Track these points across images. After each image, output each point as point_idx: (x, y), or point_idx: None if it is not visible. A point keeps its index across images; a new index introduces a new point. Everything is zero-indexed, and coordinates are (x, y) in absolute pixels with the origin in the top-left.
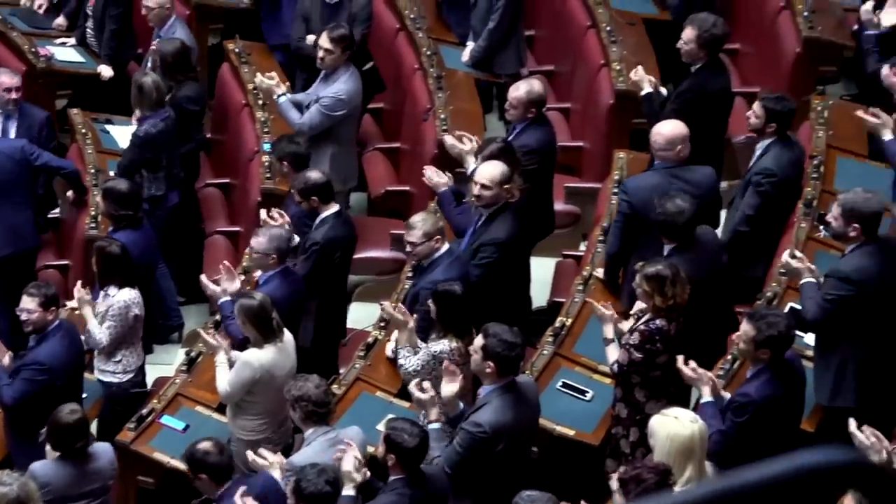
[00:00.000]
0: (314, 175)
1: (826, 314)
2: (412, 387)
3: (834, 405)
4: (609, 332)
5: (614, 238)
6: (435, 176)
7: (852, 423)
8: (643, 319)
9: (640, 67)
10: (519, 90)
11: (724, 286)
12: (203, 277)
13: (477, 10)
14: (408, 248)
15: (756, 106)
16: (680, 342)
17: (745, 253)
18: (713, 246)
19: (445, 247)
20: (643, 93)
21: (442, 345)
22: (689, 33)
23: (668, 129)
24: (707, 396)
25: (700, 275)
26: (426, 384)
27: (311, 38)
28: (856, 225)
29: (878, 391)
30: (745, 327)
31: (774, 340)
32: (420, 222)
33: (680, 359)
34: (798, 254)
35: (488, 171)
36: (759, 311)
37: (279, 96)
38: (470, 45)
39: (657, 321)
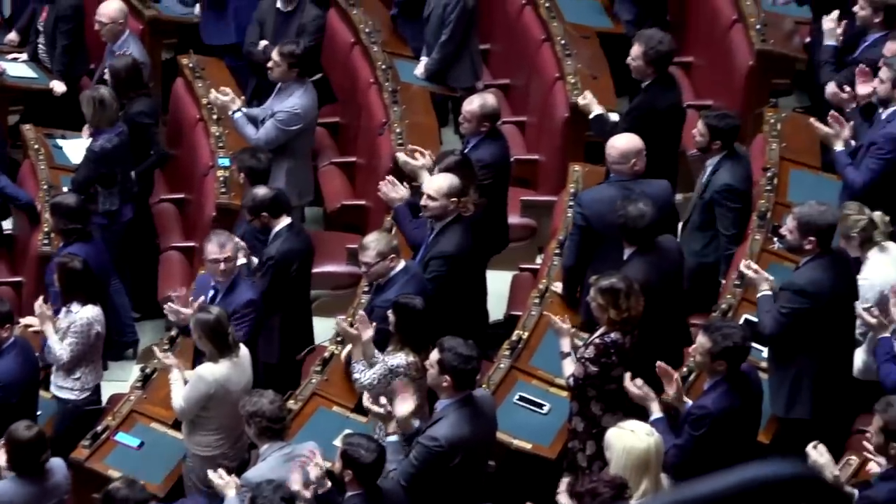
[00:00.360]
0: (261, 191)
1: (782, 328)
2: (367, 401)
3: (789, 417)
4: (565, 345)
5: (570, 252)
6: (391, 191)
7: (811, 449)
8: (598, 333)
9: (587, 92)
10: (473, 104)
11: (682, 296)
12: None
13: (430, 24)
14: (363, 269)
15: (699, 124)
16: (636, 354)
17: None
18: (675, 255)
19: (401, 265)
20: (591, 115)
21: (399, 358)
22: (636, 50)
23: (623, 143)
24: (656, 413)
25: (659, 281)
26: (382, 399)
27: (262, 44)
28: (812, 238)
29: (833, 403)
30: (701, 339)
31: (731, 352)
32: (373, 242)
33: (626, 376)
34: (753, 265)
35: (435, 183)
36: (715, 322)
37: (234, 112)
38: (424, 59)
39: (612, 334)
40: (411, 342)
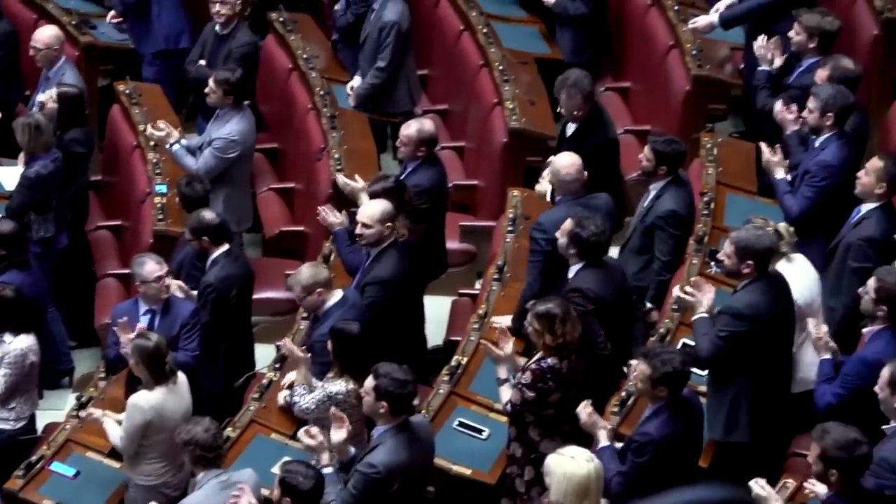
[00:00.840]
0: (209, 215)
1: (720, 351)
2: (301, 433)
3: (728, 440)
4: (503, 372)
5: (534, 279)
6: (329, 216)
7: (754, 484)
8: (535, 358)
9: (544, 182)
10: (410, 128)
11: (631, 315)
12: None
13: (365, 48)
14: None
15: (646, 149)
16: (573, 379)
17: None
18: (620, 272)
19: (335, 297)
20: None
21: (338, 385)
22: (572, 103)
23: (566, 162)
24: (604, 441)
25: (609, 295)
26: (314, 430)
27: (201, 63)
28: (749, 262)
29: (771, 426)
30: (641, 366)
31: (671, 377)
32: (298, 277)
33: (582, 405)
34: (689, 288)
35: (369, 211)
36: (654, 349)
37: (172, 145)
38: (356, 80)
39: (549, 360)
40: (350, 368)
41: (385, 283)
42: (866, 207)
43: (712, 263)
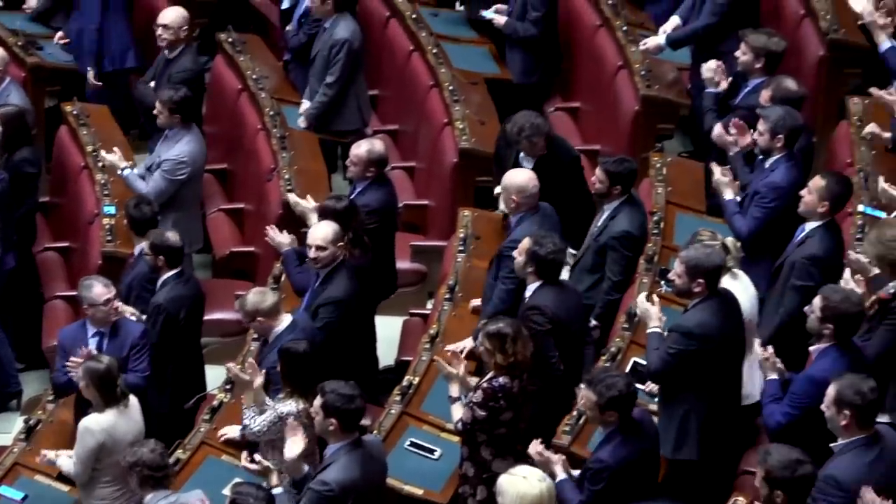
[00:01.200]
0: (173, 238)
1: (668, 367)
2: (244, 462)
3: (677, 458)
4: (455, 390)
5: (500, 300)
6: (277, 236)
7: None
8: (486, 377)
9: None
10: (360, 148)
11: (584, 337)
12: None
13: (314, 67)
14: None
15: (598, 171)
16: (525, 399)
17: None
18: (576, 293)
19: (284, 322)
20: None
21: (289, 406)
22: (534, 150)
23: (526, 177)
24: (560, 475)
25: (566, 316)
26: (256, 456)
27: (142, 82)
28: (700, 280)
29: (721, 444)
30: (586, 393)
31: (617, 401)
32: (242, 302)
33: (532, 446)
34: (655, 298)
35: (321, 232)
36: (597, 375)
37: (123, 170)
38: (305, 102)
39: (500, 379)
40: (300, 388)
41: (339, 302)
42: (810, 226)
43: (663, 282)
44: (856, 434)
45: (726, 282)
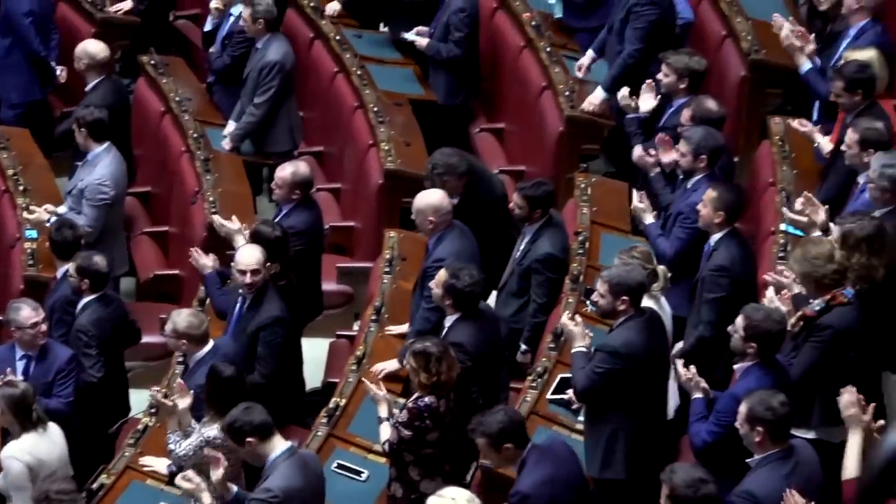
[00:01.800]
0: (100, 262)
1: (594, 385)
2: (178, 479)
3: (604, 477)
4: (383, 411)
5: (432, 315)
6: (200, 258)
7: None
8: (412, 397)
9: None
10: (285, 171)
11: (502, 362)
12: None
13: (245, 88)
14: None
15: (516, 197)
16: (452, 419)
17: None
18: (494, 320)
19: (206, 348)
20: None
21: (214, 429)
22: (428, 172)
23: (439, 196)
24: None
25: (487, 348)
26: (190, 473)
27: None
28: (625, 298)
29: (648, 463)
30: (479, 441)
31: (505, 434)
32: (176, 320)
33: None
34: (578, 318)
35: (253, 256)
36: (475, 421)
37: (49, 221)
38: (231, 124)
39: (426, 398)
40: (225, 411)
41: (282, 321)
42: (714, 239)
43: (588, 302)
44: (770, 449)
45: (647, 302)
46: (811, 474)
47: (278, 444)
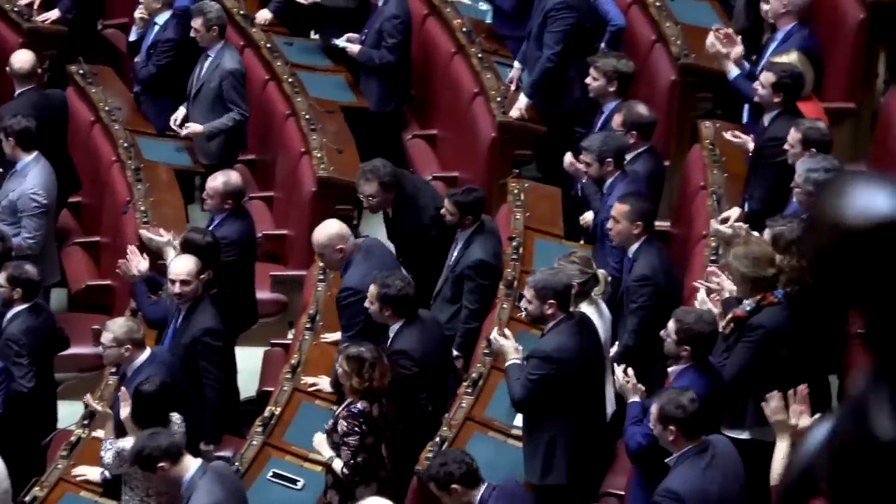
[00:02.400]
0: (31, 270)
1: (530, 394)
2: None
3: (545, 483)
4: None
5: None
6: (130, 267)
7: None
8: (344, 404)
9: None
10: (216, 181)
11: (449, 368)
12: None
13: (200, 98)
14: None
15: (447, 203)
16: (385, 423)
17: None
18: (437, 325)
19: (144, 355)
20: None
21: (128, 441)
22: (370, 188)
23: (335, 228)
24: None
25: (432, 354)
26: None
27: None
28: (552, 301)
29: (588, 466)
30: (432, 490)
31: (465, 477)
32: (116, 327)
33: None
34: (507, 332)
35: (185, 267)
36: (431, 470)
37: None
38: (195, 126)
39: (358, 404)
40: (146, 426)
41: (217, 332)
42: (632, 249)
43: (522, 307)
44: (684, 446)
45: (584, 308)
46: (730, 466)
47: (190, 464)
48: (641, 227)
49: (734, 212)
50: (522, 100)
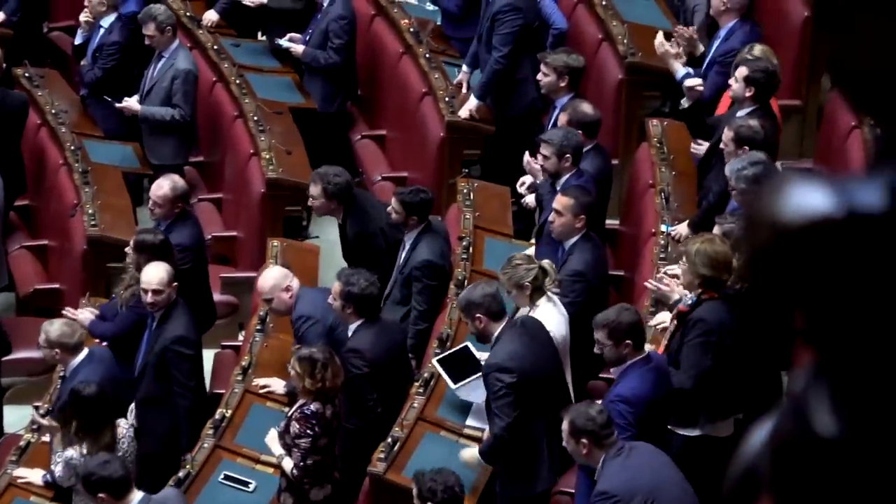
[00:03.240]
0: None
1: (508, 412)
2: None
3: (533, 493)
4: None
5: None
6: (83, 323)
7: None
8: (296, 405)
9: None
10: (163, 188)
11: (407, 373)
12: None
13: (150, 98)
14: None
15: (393, 201)
16: (338, 424)
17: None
18: (398, 329)
19: (81, 355)
20: None
21: (75, 450)
22: (315, 190)
23: (278, 271)
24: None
25: (385, 355)
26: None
27: None
28: (478, 315)
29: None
30: None
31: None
32: (49, 329)
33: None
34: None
35: (156, 276)
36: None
37: None
38: (163, 109)
39: (311, 406)
40: (90, 431)
41: (188, 340)
42: (568, 244)
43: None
44: (599, 456)
45: (543, 304)
46: (651, 455)
47: (133, 498)
48: (584, 220)
49: (682, 228)
50: (472, 101)
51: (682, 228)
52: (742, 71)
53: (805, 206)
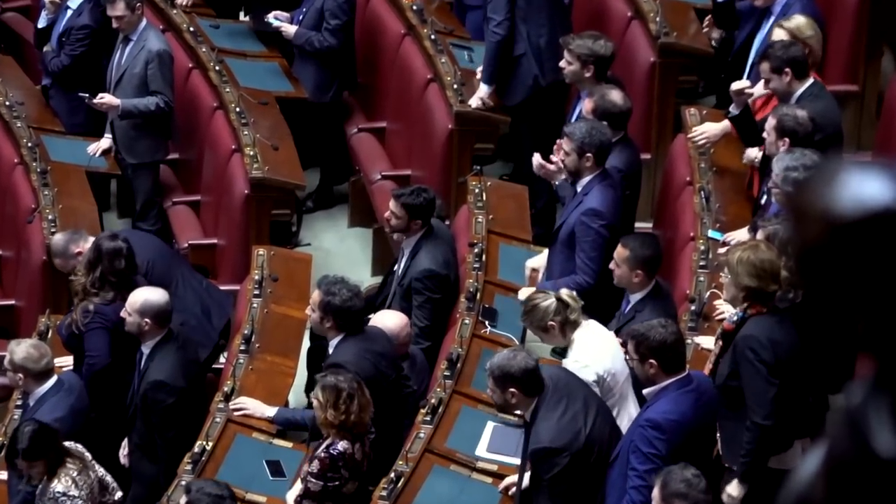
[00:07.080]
0: None
1: (562, 486)
2: None
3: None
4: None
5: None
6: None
7: None
8: (325, 444)
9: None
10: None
11: (400, 388)
12: None
13: (123, 83)
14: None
15: (392, 205)
16: (369, 467)
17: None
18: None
19: (50, 382)
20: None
21: (61, 485)
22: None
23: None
24: None
25: (375, 369)
26: None
27: None
28: (512, 390)
29: None
30: None
31: None
32: (13, 347)
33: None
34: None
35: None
36: None
37: None
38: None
39: (339, 445)
40: (61, 465)
41: (168, 386)
42: (634, 298)
43: (487, 324)
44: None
45: (578, 336)
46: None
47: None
48: (642, 276)
49: (740, 234)
50: (483, 88)
51: (741, 234)
52: (766, 66)
53: (861, 196)
